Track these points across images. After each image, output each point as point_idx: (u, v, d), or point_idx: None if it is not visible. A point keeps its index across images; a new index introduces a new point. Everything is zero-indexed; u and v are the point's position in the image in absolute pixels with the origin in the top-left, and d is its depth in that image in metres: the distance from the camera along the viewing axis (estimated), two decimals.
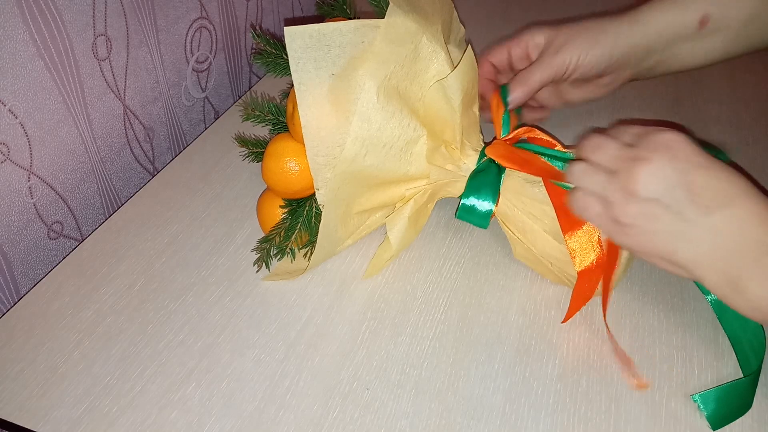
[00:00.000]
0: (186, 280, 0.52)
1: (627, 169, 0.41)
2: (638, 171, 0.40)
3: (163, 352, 0.46)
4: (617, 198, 0.41)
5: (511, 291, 0.51)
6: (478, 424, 0.42)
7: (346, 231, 0.51)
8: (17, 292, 0.56)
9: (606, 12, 0.58)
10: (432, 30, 0.48)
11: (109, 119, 0.62)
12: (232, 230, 0.56)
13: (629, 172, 0.40)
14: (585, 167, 0.43)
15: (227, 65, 0.78)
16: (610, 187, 0.41)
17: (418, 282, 0.52)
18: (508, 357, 0.46)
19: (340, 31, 0.44)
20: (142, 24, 0.62)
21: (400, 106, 0.47)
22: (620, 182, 0.41)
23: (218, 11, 0.73)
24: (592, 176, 0.43)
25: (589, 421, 0.42)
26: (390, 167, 0.48)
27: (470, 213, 0.51)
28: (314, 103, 0.45)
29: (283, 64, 0.50)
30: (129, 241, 0.55)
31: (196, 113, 0.75)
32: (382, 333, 0.48)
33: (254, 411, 0.43)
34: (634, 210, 0.40)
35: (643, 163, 0.40)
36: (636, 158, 0.40)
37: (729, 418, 0.42)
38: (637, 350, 0.46)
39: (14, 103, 0.51)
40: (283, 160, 0.49)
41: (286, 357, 0.46)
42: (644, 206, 0.40)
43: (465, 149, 0.52)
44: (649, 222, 0.40)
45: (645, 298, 0.50)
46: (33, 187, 0.55)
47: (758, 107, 0.70)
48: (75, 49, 0.55)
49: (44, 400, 0.44)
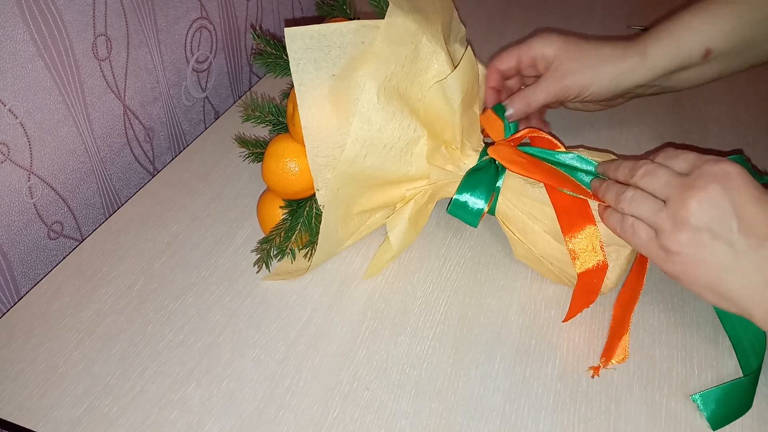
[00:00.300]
0: (186, 280, 0.52)
1: (679, 198, 0.41)
2: (691, 200, 0.40)
3: (163, 352, 0.46)
4: (667, 226, 0.41)
5: (511, 291, 0.51)
6: (478, 424, 0.42)
7: (346, 231, 0.51)
8: (17, 292, 0.56)
9: (610, 36, 0.58)
10: (432, 30, 0.48)
11: (109, 119, 0.62)
12: (232, 230, 0.56)
13: (682, 200, 0.40)
14: (636, 194, 0.43)
15: (227, 65, 0.78)
16: (661, 215, 0.41)
17: (418, 282, 0.52)
18: (508, 357, 0.46)
19: (340, 32, 0.44)
20: (142, 24, 0.62)
21: (401, 106, 0.47)
22: (671, 210, 0.41)
23: (218, 11, 0.73)
24: (643, 203, 0.43)
25: (589, 421, 0.42)
26: (390, 168, 0.48)
27: (462, 209, 0.50)
28: (314, 103, 0.45)
29: (283, 64, 0.50)
30: (129, 241, 0.55)
31: (196, 113, 0.75)
32: (382, 333, 0.48)
33: (254, 411, 0.43)
34: (683, 238, 0.40)
35: (696, 192, 0.40)
36: (690, 187, 0.40)
37: (729, 418, 0.42)
38: (637, 350, 0.46)
39: (14, 103, 0.51)
40: (284, 160, 0.49)
41: (286, 357, 0.46)
42: (694, 235, 0.40)
43: (465, 149, 0.52)
44: (698, 251, 0.40)
45: (645, 298, 0.50)
46: (33, 187, 0.55)
47: (758, 107, 0.70)
48: (75, 49, 0.55)
49: (44, 400, 0.44)
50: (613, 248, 0.47)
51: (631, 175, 0.44)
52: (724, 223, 0.39)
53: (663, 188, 0.42)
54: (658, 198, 0.42)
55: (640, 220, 0.43)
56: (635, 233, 0.43)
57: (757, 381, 0.44)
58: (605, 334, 0.47)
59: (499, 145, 0.51)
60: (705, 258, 0.40)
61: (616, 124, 0.67)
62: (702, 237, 0.40)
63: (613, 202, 0.45)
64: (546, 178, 0.48)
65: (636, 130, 0.67)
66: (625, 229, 0.44)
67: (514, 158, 0.49)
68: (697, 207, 0.40)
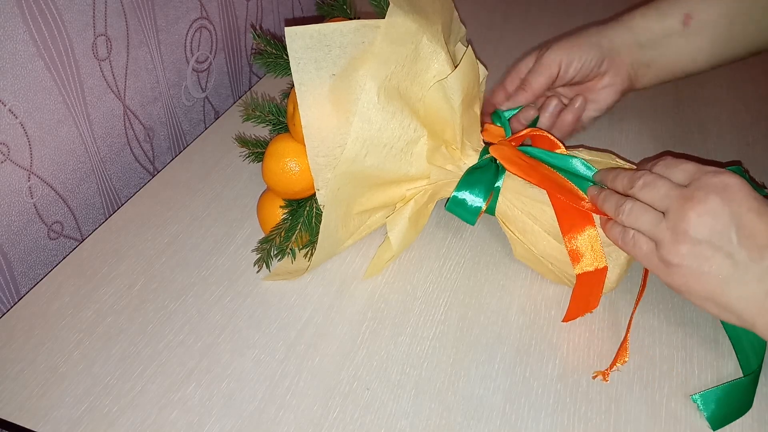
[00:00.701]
0: (186, 280, 0.52)
1: (679, 209, 0.40)
2: (690, 212, 0.40)
3: (163, 352, 0.46)
4: (667, 238, 0.41)
5: (511, 291, 0.51)
6: (478, 424, 0.42)
7: (346, 231, 0.51)
8: (17, 292, 0.56)
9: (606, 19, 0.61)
10: (432, 30, 0.48)
11: (109, 119, 0.62)
12: (232, 230, 0.56)
13: (681, 212, 0.40)
14: (635, 206, 0.43)
15: (227, 65, 0.78)
16: (661, 227, 0.41)
17: (418, 282, 0.52)
18: (508, 357, 0.46)
19: (340, 32, 0.44)
20: (142, 24, 0.62)
21: (401, 106, 0.47)
22: (671, 222, 0.41)
23: (218, 11, 0.73)
24: (642, 216, 0.43)
25: (589, 421, 0.42)
26: (390, 167, 0.48)
27: (460, 206, 0.50)
28: (315, 103, 0.45)
29: (283, 64, 0.50)
30: (129, 241, 0.55)
31: (196, 113, 0.75)
32: (382, 333, 0.48)
33: (254, 411, 0.43)
34: (683, 251, 0.40)
35: (695, 203, 0.40)
36: (689, 198, 0.40)
37: (729, 418, 0.42)
38: (637, 350, 0.46)
39: (14, 103, 0.51)
40: (284, 160, 0.49)
41: (286, 357, 0.46)
42: (694, 247, 0.40)
43: (465, 149, 0.52)
44: (698, 263, 0.40)
45: (645, 298, 0.50)
46: (33, 187, 0.55)
47: (758, 107, 0.70)
48: (75, 49, 0.55)
49: (44, 400, 0.44)
50: (613, 248, 0.47)
51: (630, 185, 0.44)
52: (724, 235, 0.39)
53: (662, 200, 0.42)
54: (658, 209, 0.42)
55: (640, 232, 0.43)
56: (636, 245, 0.43)
57: (757, 381, 0.44)
58: (605, 334, 0.47)
59: (499, 145, 0.51)
60: (705, 270, 0.40)
61: (616, 124, 0.67)
62: (702, 249, 0.40)
63: (612, 214, 0.45)
64: (543, 183, 0.48)
65: (636, 130, 0.67)
66: (626, 242, 0.44)
67: (514, 159, 0.49)
68: (697, 219, 0.40)
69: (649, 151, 0.64)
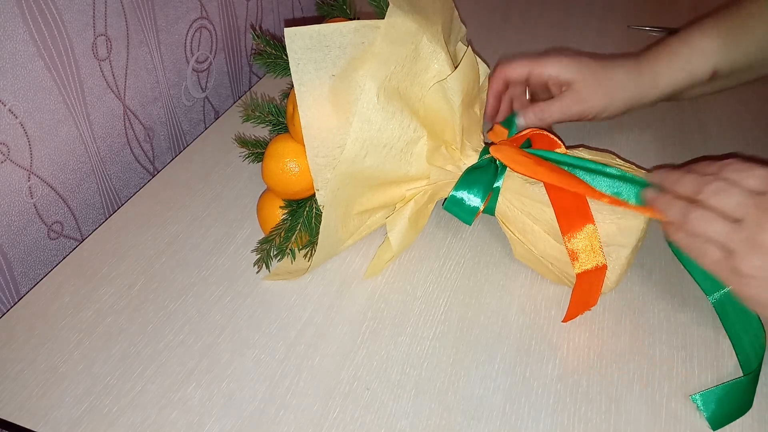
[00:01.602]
0: (186, 280, 0.52)
1: (755, 219, 0.39)
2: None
3: (163, 352, 0.46)
4: (741, 248, 0.39)
5: (511, 291, 0.51)
6: (478, 424, 0.42)
7: (346, 231, 0.51)
8: (17, 292, 0.56)
9: (615, 54, 0.60)
10: (432, 30, 0.48)
11: (109, 119, 0.62)
12: (232, 230, 0.56)
13: (758, 222, 0.39)
14: (705, 214, 0.41)
15: (227, 65, 0.78)
16: (734, 237, 0.40)
17: (418, 282, 0.52)
18: (508, 357, 0.46)
19: (340, 32, 0.44)
20: (142, 24, 0.62)
21: (401, 106, 0.47)
22: (746, 232, 0.39)
23: (218, 11, 0.73)
24: (713, 224, 0.41)
25: (589, 421, 0.42)
26: (390, 168, 0.48)
27: (457, 206, 0.50)
28: (314, 103, 0.45)
29: (283, 64, 0.50)
30: (129, 241, 0.55)
31: (196, 113, 0.75)
32: (382, 333, 0.48)
33: (254, 411, 0.43)
34: (758, 262, 0.39)
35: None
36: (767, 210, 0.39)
37: (729, 418, 0.42)
38: (637, 350, 0.46)
39: (14, 103, 0.51)
40: (283, 160, 0.49)
41: (286, 357, 0.46)
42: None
43: (465, 150, 0.52)
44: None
45: (645, 298, 0.50)
46: (33, 187, 0.55)
47: (758, 107, 0.70)
48: (75, 49, 0.55)
49: (44, 400, 0.44)
50: (613, 248, 0.47)
51: (697, 191, 0.42)
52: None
53: (737, 209, 0.40)
54: (729, 217, 0.40)
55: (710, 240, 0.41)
56: (706, 254, 0.42)
57: (757, 381, 0.44)
58: (605, 334, 0.47)
59: (501, 145, 0.51)
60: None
61: (616, 124, 0.67)
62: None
63: (677, 220, 0.43)
64: (549, 176, 0.47)
65: (636, 130, 0.67)
66: (693, 249, 0.43)
67: (517, 157, 0.49)
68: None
69: (649, 151, 0.64)
